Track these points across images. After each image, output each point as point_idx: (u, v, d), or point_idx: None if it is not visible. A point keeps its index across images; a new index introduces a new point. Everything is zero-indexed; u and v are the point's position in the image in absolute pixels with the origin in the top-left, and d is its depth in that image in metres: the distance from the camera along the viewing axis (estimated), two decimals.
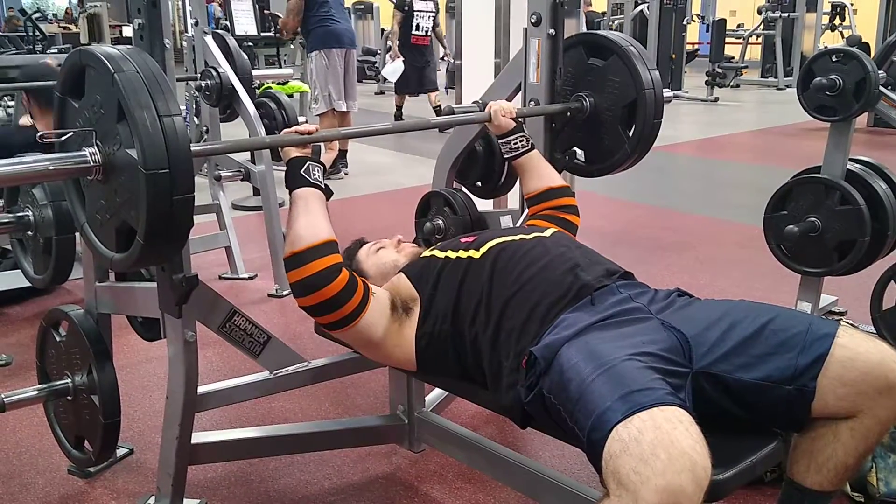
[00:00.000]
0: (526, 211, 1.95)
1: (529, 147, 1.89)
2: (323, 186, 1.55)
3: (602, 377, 1.17)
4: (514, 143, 1.88)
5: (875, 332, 2.47)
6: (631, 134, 1.98)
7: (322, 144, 1.65)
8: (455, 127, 2.13)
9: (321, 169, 1.56)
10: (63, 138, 1.35)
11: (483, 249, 1.56)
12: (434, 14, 8.33)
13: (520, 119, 1.91)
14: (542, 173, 1.90)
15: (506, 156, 1.92)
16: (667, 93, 2.02)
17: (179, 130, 1.23)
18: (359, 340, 1.57)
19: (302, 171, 1.53)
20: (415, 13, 8.14)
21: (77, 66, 1.34)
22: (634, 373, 1.16)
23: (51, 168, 1.29)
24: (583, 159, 2.08)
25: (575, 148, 2.06)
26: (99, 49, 1.27)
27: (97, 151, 1.29)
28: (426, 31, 8.26)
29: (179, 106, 1.27)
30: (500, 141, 1.91)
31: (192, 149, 1.26)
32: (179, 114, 1.24)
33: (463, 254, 1.58)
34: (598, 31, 2.09)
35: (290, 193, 1.54)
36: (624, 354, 1.20)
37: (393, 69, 8.09)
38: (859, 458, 1.31)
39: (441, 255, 1.61)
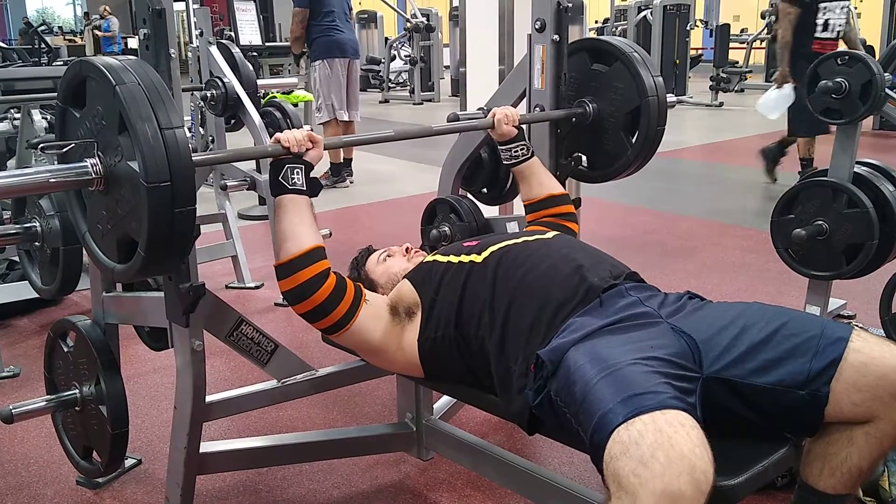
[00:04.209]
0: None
1: (530, 155, 1.90)
2: (304, 188, 1.54)
3: (606, 380, 1.17)
4: (515, 151, 1.89)
5: (885, 335, 2.46)
6: (634, 140, 1.98)
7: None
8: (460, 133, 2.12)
9: (303, 169, 1.54)
10: (64, 150, 1.35)
11: (485, 254, 1.56)
12: (848, 5, 4.89)
13: (523, 126, 1.91)
14: (542, 180, 1.91)
15: (505, 162, 1.93)
16: (671, 98, 2.02)
17: (181, 143, 1.22)
18: (357, 345, 1.59)
19: (280, 178, 1.52)
20: (820, 6, 4.76)
21: (78, 76, 1.33)
22: (639, 376, 1.16)
23: (51, 180, 1.28)
24: (586, 165, 2.07)
25: (579, 154, 2.06)
26: (100, 60, 1.27)
27: (98, 163, 1.29)
28: (838, 33, 4.83)
29: (181, 117, 1.27)
30: (500, 147, 1.92)
31: (193, 158, 1.26)
32: (181, 126, 1.24)
33: (465, 258, 1.58)
34: (602, 37, 2.10)
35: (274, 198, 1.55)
36: (630, 358, 1.20)
37: (776, 99, 4.50)
38: (873, 463, 1.30)
39: (443, 259, 1.62)
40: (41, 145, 1.36)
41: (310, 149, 1.54)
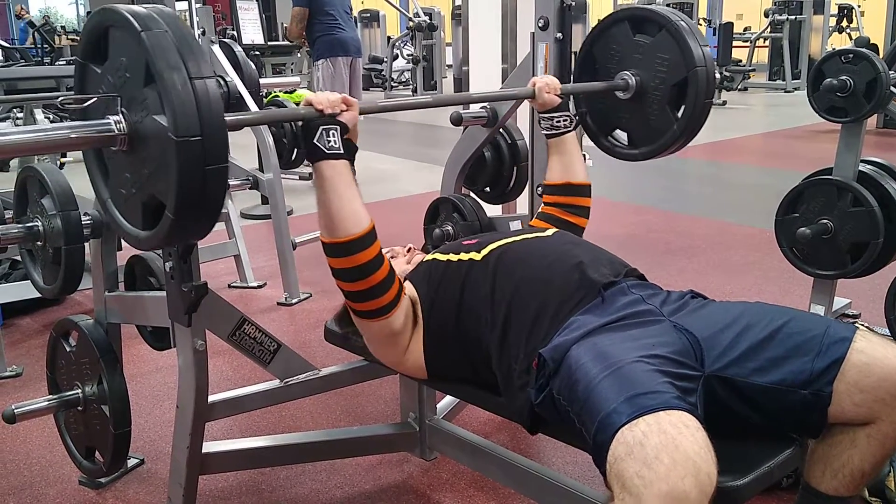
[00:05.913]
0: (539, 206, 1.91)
1: (572, 128, 1.85)
2: (342, 151, 1.43)
3: (609, 378, 1.16)
4: (557, 122, 1.82)
5: (890, 334, 2.45)
6: (680, 115, 1.87)
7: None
8: (464, 132, 2.12)
9: (338, 130, 1.42)
10: (85, 104, 1.24)
11: (485, 251, 1.55)
12: None
13: (564, 97, 1.84)
14: (572, 161, 1.85)
15: (545, 132, 1.85)
16: None
17: (213, 94, 1.12)
18: (383, 338, 1.54)
19: (316, 140, 1.40)
20: None
21: (100, 26, 1.22)
22: (642, 375, 1.15)
23: (72, 136, 1.19)
24: (626, 142, 1.99)
25: (618, 130, 1.99)
26: (124, 7, 1.18)
27: (122, 119, 1.19)
28: None
29: (211, 67, 1.16)
30: (541, 116, 1.84)
31: (225, 119, 1.16)
32: (212, 76, 1.13)
33: (465, 256, 1.57)
34: (646, 6, 2.00)
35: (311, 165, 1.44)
36: (632, 357, 1.19)
37: None
38: (876, 465, 1.29)
39: (443, 258, 1.60)
40: (60, 100, 1.28)
41: (344, 110, 1.45)
